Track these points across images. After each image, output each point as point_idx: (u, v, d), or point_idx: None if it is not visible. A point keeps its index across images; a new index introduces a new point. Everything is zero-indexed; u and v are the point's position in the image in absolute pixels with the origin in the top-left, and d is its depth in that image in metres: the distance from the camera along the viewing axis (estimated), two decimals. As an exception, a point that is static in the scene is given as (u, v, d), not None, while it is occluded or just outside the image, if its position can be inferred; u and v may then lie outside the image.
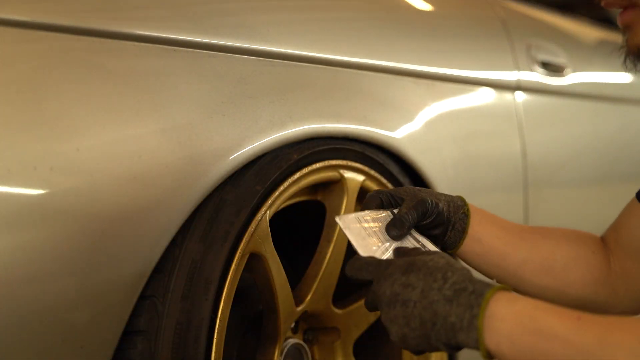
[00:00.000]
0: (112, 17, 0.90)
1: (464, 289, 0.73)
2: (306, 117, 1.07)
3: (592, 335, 0.65)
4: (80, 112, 0.83)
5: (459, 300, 0.72)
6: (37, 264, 0.78)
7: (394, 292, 0.78)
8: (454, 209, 0.98)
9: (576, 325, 0.66)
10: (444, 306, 0.73)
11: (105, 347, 0.86)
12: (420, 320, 0.75)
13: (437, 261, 0.78)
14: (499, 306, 0.70)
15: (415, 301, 0.75)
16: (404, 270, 0.79)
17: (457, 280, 0.74)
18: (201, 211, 0.94)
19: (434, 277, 0.76)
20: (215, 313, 0.94)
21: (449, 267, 0.77)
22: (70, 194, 0.80)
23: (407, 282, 0.77)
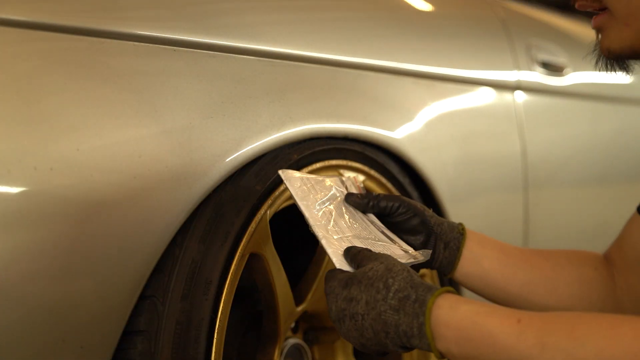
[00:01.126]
0: (112, 17, 0.90)
1: (408, 297, 0.75)
2: (306, 117, 1.07)
3: (532, 338, 0.66)
4: (81, 112, 0.83)
5: (405, 310, 0.74)
6: (36, 264, 0.78)
7: (340, 308, 0.80)
8: (448, 228, 0.99)
9: (516, 330, 0.67)
10: (393, 316, 0.75)
11: (105, 347, 0.86)
12: (373, 331, 0.77)
13: (376, 270, 0.79)
14: (442, 314, 0.72)
15: (362, 314, 0.77)
16: (344, 284, 0.81)
17: (400, 288, 0.76)
18: (201, 211, 0.94)
19: (375, 287, 0.77)
20: (215, 313, 0.93)
21: (388, 273, 0.78)
22: (70, 194, 0.80)
23: (349, 296, 0.79)
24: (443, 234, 0.98)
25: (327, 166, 1.12)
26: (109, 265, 0.84)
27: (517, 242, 1.56)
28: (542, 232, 1.61)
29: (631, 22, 0.76)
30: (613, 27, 0.78)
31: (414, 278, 0.77)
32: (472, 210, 1.41)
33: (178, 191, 0.90)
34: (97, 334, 0.85)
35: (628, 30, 0.77)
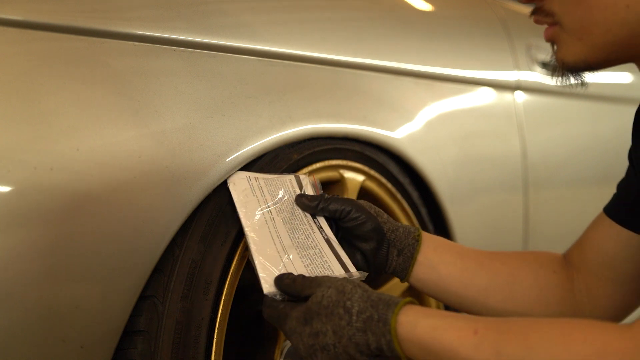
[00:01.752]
0: (112, 17, 0.90)
1: (371, 318, 0.78)
2: (306, 117, 1.07)
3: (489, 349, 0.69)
4: (81, 112, 0.83)
5: (371, 329, 0.77)
6: (36, 264, 0.78)
7: (308, 345, 0.82)
8: (403, 234, 0.99)
9: (474, 341, 0.70)
10: (362, 337, 0.78)
11: (105, 347, 0.86)
12: (347, 354, 0.79)
13: (329, 296, 0.81)
14: (404, 331, 0.76)
15: (333, 344, 0.80)
16: (303, 321, 0.82)
17: (361, 309, 0.79)
18: (201, 211, 0.94)
19: (337, 314, 0.79)
20: (215, 313, 0.93)
21: (342, 297, 0.80)
22: (70, 194, 0.80)
23: (313, 331, 0.81)
24: (397, 240, 0.98)
25: (327, 166, 1.12)
26: (109, 265, 0.84)
27: (517, 242, 1.56)
28: (542, 232, 1.61)
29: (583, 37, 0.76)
30: (566, 40, 0.78)
31: (370, 295, 0.80)
32: (472, 210, 1.41)
33: (178, 191, 0.90)
34: (97, 334, 0.84)
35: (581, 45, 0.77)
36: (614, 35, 0.74)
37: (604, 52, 0.77)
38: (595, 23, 0.74)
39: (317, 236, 0.97)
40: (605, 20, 0.74)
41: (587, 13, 0.74)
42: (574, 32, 0.77)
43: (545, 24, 0.81)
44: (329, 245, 0.96)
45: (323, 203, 0.97)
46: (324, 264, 0.94)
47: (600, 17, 0.74)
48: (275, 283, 0.90)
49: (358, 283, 0.82)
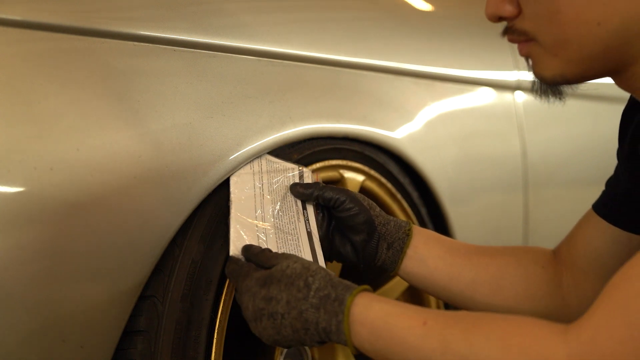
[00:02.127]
0: (112, 17, 0.90)
1: (328, 296, 0.78)
2: (306, 117, 1.07)
3: (435, 341, 0.70)
4: (80, 112, 0.83)
5: (325, 308, 0.78)
6: (36, 264, 0.78)
7: (257, 307, 0.82)
8: (394, 227, 1.00)
9: (422, 331, 0.71)
10: (314, 314, 0.79)
11: (105, 347, 0.86)
12: (292, 329, 0.80)
13: (293, 268, 0.82)
14: (357, 313, 0.76)
15: (282, 313, 0.80)
16: (262, 283, 0.83)
17: (320, 287, 0.79)
18: (201, 211, 0.94)
19: (296, 286, 0.80)
20: (215, 313, 0.94)
21: (307, 272, 0.81)
22: (70, 194, 0.80)
23: (268, 295, 0.81)
24: (387, 234, 1.00)
25: (327, 166, 1.12)
26: (109, 265, 0.84)
27: (517, 242, 1.56)
28: (542, 232, 1.61)
29: (559, 52, 0.76)
30: (542, 56, 0.78)
31: (332, 277, 0.81)
32: (472, 210, 1.41)
33: (178, 191, 0.90)
34: (97, 334, 0.84)
35: (557, 60, 0.77)
36: (589, 51, 0.74)
37: (580, 67, 0.77)
38: (569, 40, 0.74)
39: (301, 226, 0.98)
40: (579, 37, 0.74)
41: (560, 30, 0.74)
42: (549, 48, 0.77)
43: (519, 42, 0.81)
44: (309, 238, 0.97)
45: (318, 190, 0.99)
46: (297, 251, 0.95)
47: (573, 34, 0.74)
48: (242, 250, 0.91)
49: (323, 267, 0.83)
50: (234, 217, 0.94)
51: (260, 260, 0.88)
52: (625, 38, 0.72)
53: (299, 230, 0.98)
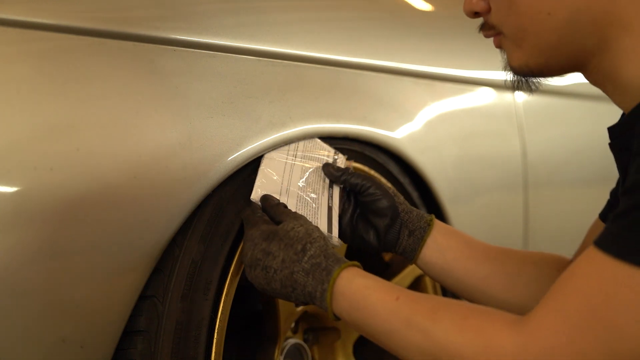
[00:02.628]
0: (112, 17, 0.90)
1: (319, 265, 0.85)
2: (306, 117, 1.07)
3: (403, 315, 0.77)
4: (80, 112, 0.83)
5: (314, 275, 0.85)
6: (37, 264, 0.78)
7: (255, 257, 0.89)
8: (416, 216, 1.03)
9: (393, 306, 0.78)
10: (303, 277, 0.85)
11: (105, 347, 0.86)
12: (281, 284, 0.87)
13: (297, 231, 0.89)
14: (341, 284, 0.83)
15: (275, 269, 0.87)
16: (265, 236, 0.89)
17: (314, 254, 0.86)
18: (201, 211, 0.94)
19: (294, 249, 0.87)
20: (215, 313, 0.94)
21: (308, 237, 0.88)
22: (70, 194, 0.80)
23: (267, 249, 0.88)
24: (410, 222, 1.03)
25: (327, 166, 1.12)
26: (109, 265, 0.84)
27: (517, 242, 1.56)
28: (542, 232, 1.61)
29: (521, 43, 0.81)
30: (509, 47, 0.84)
31: (327, 248, 0.87)
32: (472, 211, 1.41)
33: (178, 191, 0.90)
34: (97, 334, 0.85)
35: (520, 51, 0.82)
36: (546, 41, 0.79)
37: (541, 57, 0.81)
38: (526, 30, 0.80)
39: (323, 200, 1.02)
40: (533, 27, 0.79)
41: (518, 21, 0.80)
42: (513, 39, 0.82)
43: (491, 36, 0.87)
44: (329, 211, 1.01)
45: (346, 175, 1.03)
46: (313, 219, 0.98)
47: (528, 24, 0.79)
48: (261, 198, 0.97)
49: (324, 237, 0.89)
50: (262, 169, 0.99)
51: (272, 213, 0.94)
52: (576, 28, 0.77)
53: (320, 202, 1.01)
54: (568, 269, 0.70)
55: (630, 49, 0.76)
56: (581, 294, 0.66)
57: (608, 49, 0.78)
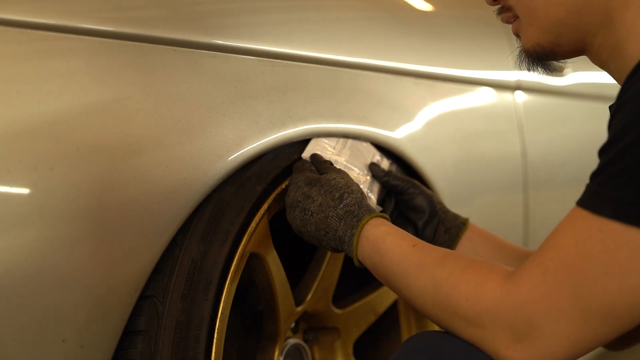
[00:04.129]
0: (112, 17, 0.90)
1: (352, 212, 0.93)
2: (306, 117, 1.07)
3: (415, 260, 0.84)
4: (80, 112, 0.83)
5: (346, 221, 0.93)
6: (37, 264, 0.78)
7: (296, 199, 0.97)
8: (452, 216, 1.10)
9: (409, 251, 0.85)
10: (336, 222, 0.93)
11: (105, 347, 0.86)
12: (316, 227, 0.95)
13: (338, 181, 0.97)
14: (367, 229, 0.91)
15: (313, 212, 0.95)
16: (308, 182, 0.98)
17: (349, 203, 0.94)
18: (201, 211, 0.94)
19: (332, 195, 0.95)
20: (215, 313, 0.93)
21: (346, 188, 0.95)
22: (70, 194, 0.80)
23: (308, 193, 0.96)
24: (446, 220, 1.10)
25: (327, 166, 1.12)
26: (109, 265, 0.84)
27: (517, 242, 1.56)
28: (542, 232, 1.60)
29: (532, 21, 0.86)
30: (523, 29, 0.88)
31: (363, 200, 0.95)
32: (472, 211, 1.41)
33: (178, 191, 0.90)
34: (97, 334, 0.85)
35: (532, 29, 0.86)
36: (554, 16, 0.83)
37: (551, 34, 0.85)
38: (536, 7, 0.84)
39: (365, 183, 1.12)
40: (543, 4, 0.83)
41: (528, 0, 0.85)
42: (525, 18, 0.87)
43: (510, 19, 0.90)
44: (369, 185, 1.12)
45: (389, 177, 1.13)
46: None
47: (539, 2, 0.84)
48: (311, 156, 1.06)
49: (363, 193, 0.97)
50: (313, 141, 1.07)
51: (319, 167, 1.02)
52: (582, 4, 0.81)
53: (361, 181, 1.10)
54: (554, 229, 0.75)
55: (632, 23, 0.79)
56: (559, 247, 0.71)
57: (612, 25, 0.81)
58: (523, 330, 0.72)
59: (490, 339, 0.74)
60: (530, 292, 0.72)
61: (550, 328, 0.70)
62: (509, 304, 0.73)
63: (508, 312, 0.73)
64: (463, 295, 0.77)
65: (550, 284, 0.71)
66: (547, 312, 0.70)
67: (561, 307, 0.70)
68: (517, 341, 0.72)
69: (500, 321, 0.73)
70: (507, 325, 0.73)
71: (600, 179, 0.71)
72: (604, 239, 0.68)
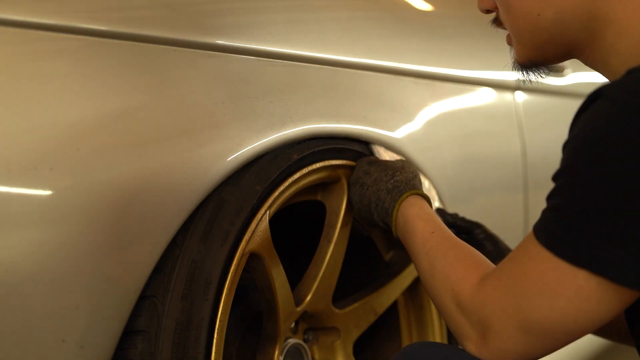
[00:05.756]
0: (112, 17, 0.90)
1: (398, 187, 1.05)
2: (306, 117, 1.07)
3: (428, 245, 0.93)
4: (80, 112, 0.83)
5: (392, 194, 1.05)
6: (37, 264, 0.78)
7: (357, 176, 1.11)
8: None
9: (427, 236, 0.95)
10: (384, 195, 1.05)
11: (105, 347, 0.86)
12: (369, 200, 1.07)
13: (395, 162, 1.10)
14: (404, 206, 1.03)
15: (368, 185, 1.08)
16: (370, 162, 1.12)
17: (399, 180, 1.06)
18: (201, 211, 0.94)
19: (385, 172, 1.07)
20: (215, 313, 0.93)
21: (401, 169, 1.08)
22: (70, 194, 0.80)
23: (368, 170, 1.10)
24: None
25: (327, 166, 1.12)
26: (109, 265, 0.84)
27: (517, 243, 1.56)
28: (542, 232, 1.60)
29: (520, 40, 0.90)
30: (513, 44, 0.92)
31: (412, 179, 1.07)
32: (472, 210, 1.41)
33: (178, 191, 0.90)
34: (97, 334, 0.85)
35: (521, 47, 0.90)
36: (539, 39, 0.87)
37: (539, 52, 0.89)
38: (522, 29, 0.88)
39: None
40: (527, 26, 0.87)
41: (515, 22, 0.89)
42: (514, 36, 0.91)
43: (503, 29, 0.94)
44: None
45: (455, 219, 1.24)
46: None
47: (523, 25, 0.87)
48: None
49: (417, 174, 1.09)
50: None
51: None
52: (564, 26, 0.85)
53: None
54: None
55: (612, 43, 0.82)
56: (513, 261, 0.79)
57: (596, 42, 0.84)
58: (484, 328, 0.79)
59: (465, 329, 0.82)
60: (489, 293, 0.80)
61: (501, 330, 0.77)
62: (476, 301, 0.80)
63: (475, 309, 0.80)
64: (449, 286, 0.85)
65: (501, 291, 0.78)
66: (498, 316, 0.77)
67: (508, 313, 0.77)
68: (481, 337, 0.79)
69: (470, 316, 0.81)
70: (474, 320, 0.80)
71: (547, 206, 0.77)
72: (539, 263, 0.75)
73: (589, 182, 0.71)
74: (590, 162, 0.73)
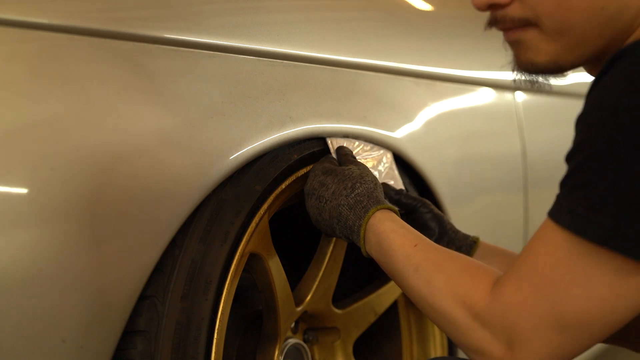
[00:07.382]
0: (112, 17, 0.90)
1: (361, 202, 0.95)
2: (306, 117, 1.07)
3: (414, 261, 0.85)
4: (80, 112, 0.83)
5: (355, 210, 0.95)
6: (37, 264, 0.78)
7: (312, 187, 1.02)
8: (462, 236, 1.10)
9: (410, 252, 0.87)
10: (346, 211, 0.96)
11: (105, 347, 0.86)
12: (329, 215, 0.98)
13: (352, 171, 1.00)
14: (373, 223, 0.93)
15: (327, 199, 0.99)
16: (324, 171, 1.02)
17: (360, 193, 0.96)
18: (201, 211, 0.94)
19: (344, 184, 0.98)
20: (215, 313, 0.93)
21: (359, 178, 0.98)
22: (70, 194, 0.80)
23: (324, 181, 1.00)
24: (457, 240, 1.09)
25: (327, 166, 1.12)
26: (109, 265, 0.84)
27: (517, 242, 1.56)
28: (542, 232, 1.60)
29: (559, 38, 0.79)
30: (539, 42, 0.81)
31: (374, 191, 0.97)
32: (472, 211, 1.41)
33: (178, 191, 0.90)
34: (97, 334, 0.84)
35: (555, 46, 0.80)
36: (587, 38, 0.78)
37: (573, 54, 0.80)
38: (573, 26, 0.77)
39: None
40: (582, 22, 0.77)
41: (567, 16, 0.77)
42: (551, 33, 0.79)
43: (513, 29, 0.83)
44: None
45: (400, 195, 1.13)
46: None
47: (578, 20, 0.77)
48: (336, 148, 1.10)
49: (376, 181, 0.99)
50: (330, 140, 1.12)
51: (340, 159, 1.07)
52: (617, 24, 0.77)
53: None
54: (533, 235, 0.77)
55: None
56: (532, 255, 0.73)
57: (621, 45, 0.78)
58: (510, 336, 0.73)
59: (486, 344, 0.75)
60: (510, 297, 0.74)
61: (532, 334, 0.72)
62: (497, 308, 0.74)
63: (497, 317, 0.74)
64: (459, 299, 0.78)
65: (526, 291, 0.72)
66: (527, 318, 0.72)
67: (539, 313, 0.71)
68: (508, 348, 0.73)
69: (492, 326, 0.75)
70: (498, 330, 0.74)
71: (563, 191, 0.73)
72: (569, 249, 0.69)
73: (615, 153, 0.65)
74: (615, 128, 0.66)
